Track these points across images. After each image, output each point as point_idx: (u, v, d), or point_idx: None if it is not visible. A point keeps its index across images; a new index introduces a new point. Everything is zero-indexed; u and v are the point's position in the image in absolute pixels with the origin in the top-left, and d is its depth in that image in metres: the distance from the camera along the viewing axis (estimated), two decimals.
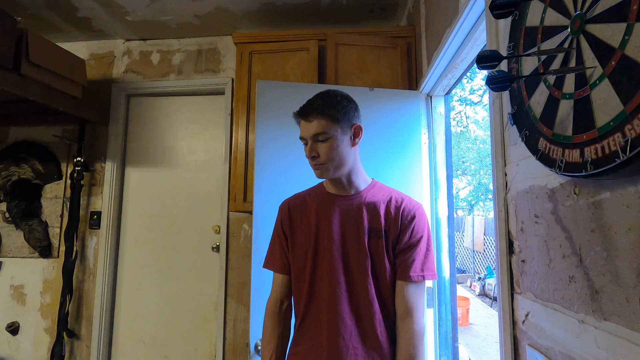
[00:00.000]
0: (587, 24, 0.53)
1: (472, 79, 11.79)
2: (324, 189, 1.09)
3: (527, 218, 0.75)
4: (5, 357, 2.32)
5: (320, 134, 0.96)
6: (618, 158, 0.45)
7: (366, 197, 1.04)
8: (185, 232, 2.38)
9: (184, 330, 2.31)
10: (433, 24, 1.57)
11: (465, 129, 13.76)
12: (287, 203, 1.12)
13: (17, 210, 2.34)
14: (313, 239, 1.02)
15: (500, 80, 0.65)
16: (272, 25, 2.32)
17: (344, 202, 1.04)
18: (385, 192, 1.07)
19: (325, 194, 1.07)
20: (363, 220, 1.00)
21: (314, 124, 0.97)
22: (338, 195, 1.05)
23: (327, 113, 0.97)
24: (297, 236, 1.05)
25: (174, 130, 2.48)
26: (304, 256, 1.03)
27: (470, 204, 14.03)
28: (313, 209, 1.05)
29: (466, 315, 5.48)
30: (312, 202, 1.07)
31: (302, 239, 1.04)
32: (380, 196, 1.05)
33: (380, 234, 0.99)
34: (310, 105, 0.99)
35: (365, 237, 0.99)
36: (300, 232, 1.05)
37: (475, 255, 9.48)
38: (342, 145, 0.99)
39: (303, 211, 1.07)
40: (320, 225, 1.02)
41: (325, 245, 1.01)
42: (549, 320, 0.67)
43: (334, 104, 0.98)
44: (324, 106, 0.97)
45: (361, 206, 1.02)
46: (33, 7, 2.14)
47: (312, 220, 1.04)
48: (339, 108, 0.98)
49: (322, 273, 1.00)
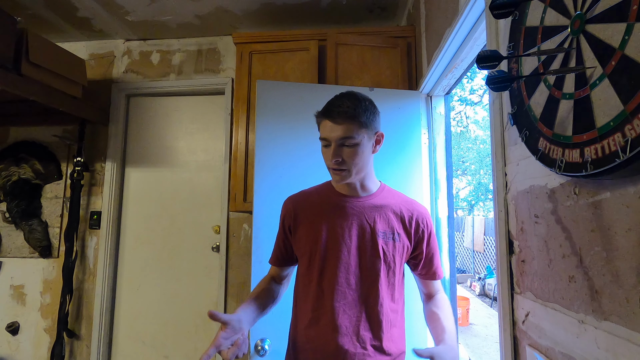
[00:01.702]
0: (587, 24, 0.53)
1: (472, 79, 11.80)
2: (333, 189, 1.06)
3: (527, 218, 0.75)
4: (5, 357, 2.32)
5: (348, 138, 0.92)
6: (618, 158, 0.45)
7: (378, 200, 1.03)
8: (185, 232, 2.38)
9: (184, 330, 2.31)
10: (433, 24, 1.57)
11: (465, 129, 13.76)
12: (291, 200, 1.09)
13: (17, 210, 2.34)
14: (322, 239, 0.99)
15: (500, 80, 0.65)
16: (272, 25, 2.32)
17: (355, 203, 1.02)
18: (395, 196, 1.07)
19: (336, 194, 1.05)
20: (376, 222, 0.99)
21: (343, 127, 0.91)
22: (350, 197, 1.03)
23: (357, 118, 0.93)
24: (302, 235, 1.03)
25: (174, 130, 2.48)
26: (311, 256, 1.01)
27: (470, 204, 14.03)
28: (322, 209, 1.03)
29: (466, 315, 5.48)
30: (321, 202, 1.05)
31: (309, 239, 1.01)
32: (391, 200, 1.05)
33: (392, 237, 0.99)
34: (339, 107, 0.93)
35: (378, 239, 0.98)
36: (306, 231, 1.03)
37: (475, 255, 9.48)
38: (366, 151, 0.96)
39: (310, 210, 1.05)
40: (330, 226, 1.00)
41: (335, 246, 0.99)
42: (549, 320, 0.67)
43: (364, 109, 0.94)
44: (355, 110, 0.92)
45: (373, 209, 1.01)
46: (33, 7, 2.14)
47: (321, 220, 1.01)
48: (368, 114, 0.95)
49: (332, 274, 0.98)
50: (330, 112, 0.93)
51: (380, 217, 1.01)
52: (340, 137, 0.92)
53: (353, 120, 0.92)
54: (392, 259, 0.99)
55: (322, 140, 0.96)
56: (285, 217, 1.07)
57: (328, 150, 0.94)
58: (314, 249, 1.00)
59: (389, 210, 1.02)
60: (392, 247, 0.99)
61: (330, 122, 0.93)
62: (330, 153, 0.93)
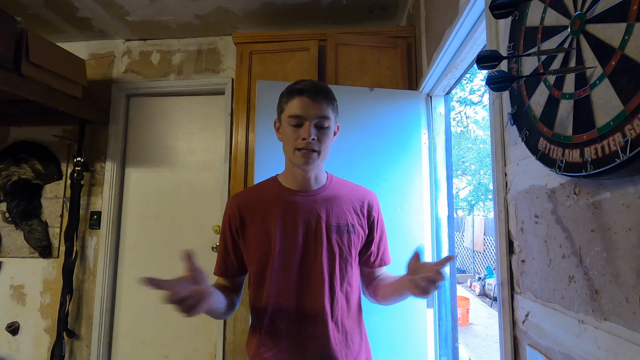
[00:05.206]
0: (587, 24, 0.53)
1: (472, 79, 11.80)
2: (280, 184, 0.99)
3: (527, 218, 0.75)
4: (5, 357, 2.32)
5: (324, 118, 0.90)
6: (618, 158, 0.45)
7: (328, 192, 0.98)
8: (185, 232, 2.38)
9: (184, 330, 2.31)
10: (433, 24, 1.57)
11: (465, 129, 13.76)
12: (234, 201, 0.99)
13: (17, 210, 2.34)
14: (275, 239, 0.92)
15: (500, 80, 0.65)
16: (272, 25, 2.32)
17: (306, 198, 0.96)
18: (345, 185, 1.03)
19: (285, 190, 0.97)
20: (329, 216, 0.95)
21: (322, 106, 0.90)
22: (299, 191, 0.97)
23: (332, 101, 0.92)
24: (252, 237, 0.95)
25: (174, 130, 2.48)
26: (264, 258, 0.93)
27: (470, 204, 14.03)
28: (271, 207, 0.95)
29: (466, 315, 5.48)
30: (269, 199, 0.97)
31: (259, 240, 0.94)
32: (341, 190, 1.00)
33: (347, 229, 0.95)
34: (317, 87, 0.91)
35: (332, 234, 0.94)
36: (255, 232, 0.94)
37: (475, 255, 9.47)
38: (332, 138, 0.95)
39: (258, 209, 0.96)
40: (283, 224, 0.93)
41: (290, 247, 0.92)
42: (549, 320, 0.67)
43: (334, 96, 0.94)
44: (330, 93, 0.92)
45: (325, 202, 0.96)
46: (33, 7, 2.14)
47: (272, 219, 0.93)
48: (336, 102, 0.95)
49: (287, 275, 0.92)
50: (308, 90, 0.90)
51: (332, 210, 0.96)
52: (318, 115, 0.89)
53: (329, 102, 0.92)
54: (347, 252, 0.95)
55: (293, 118, 0.90)
56: (231, 219, 0.96)
57: (298, 130, 0.90)
58: (266, 252, 0.93)
59: (341, 201, 0.98)
60: (347, 240, 0.95)
61: (307, 100, 0.89)
62: (304, 131, 0.89)
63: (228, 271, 0.99)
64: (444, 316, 1.67)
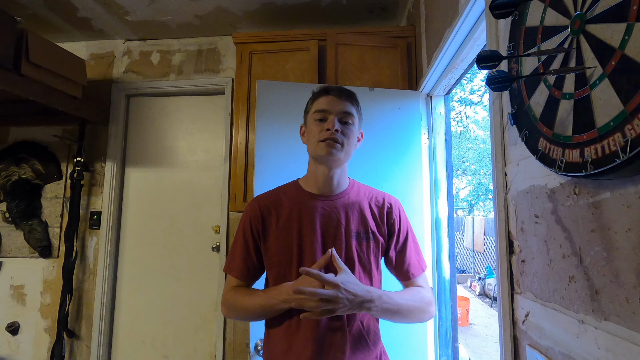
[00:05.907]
0: (587, 24, 0.53)
1: (472, 79, 11.80)
2: (301, 188, 0.99)
3: (527, 218, 0.75)
4: (5, 357, 2.32)
5: (348, 113, 0.94)
6: (618, 158, 0.45)
7: (349, 198, 0.98)
8: (185, 232, 2.38)
9: (184, 330, 2.31)
10: (433, 24, 1.57)
11: (465, 129, 13.76)
12: (256, 202, 0.99)
13: (17, 210, 2.34)
14: (296, 244, 0.92)
15: (500, 80, 0.65)
16: (272, 25, 2.32)
17: (327, 203, 0.96)
18: (366, 191, 1.03)
19: (305, 194, 0.98)
20: (350, 222, 0.95)
21: (347, 104, 0.95)
22: (320, 196, 0.97)
23: (356, 102, 0.98)
24: (273, 240, 0.94)
25: (174, 130, 2.48)
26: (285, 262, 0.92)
27: (470, 204, 14.03)
28: (292, 211, 0.95)
29: (466, 315, 5.48)
30: (290, 203, 0.97)
31: (281, 244, 0.93)
32: (362, 196, 1.00)
33: (366, 236, 0.95)
34: (343, 88, 0.98)
35: (352, 241, 0.94)
36: (276, 236, 0.94)
37: (475, 255, 9.48)
38: (355, 139, 0.98)
39: (279, 212, 0.96)
40: (303, 229, 0.93)
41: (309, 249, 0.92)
42: (549, 320, 0.67)
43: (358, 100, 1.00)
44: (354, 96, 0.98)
45: (346, 207, 0.96)
46: (33, 7, 2.14)
47: (293, 224, 0.93)
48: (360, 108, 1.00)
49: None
50: (334, 90, 0.96)
51: (353, 216, 0.96)
52: (342, 110, 0.94)
53: (353, 102, 0.97)
54: (367, 260, 0.94)
55: (319, 112, 0.95)
56: (252, 220, 0.96)
57: (323, 123, 0.94)
58: (287, 258, 0.92)
59: (363, 207, 0.98)
60: (366, 247, 0.95)
61: (333, 97, 0.95)
62: (328, 123, 0.93)
63: (249, 273, 0.97)
64: (444, 316, 1.67)
